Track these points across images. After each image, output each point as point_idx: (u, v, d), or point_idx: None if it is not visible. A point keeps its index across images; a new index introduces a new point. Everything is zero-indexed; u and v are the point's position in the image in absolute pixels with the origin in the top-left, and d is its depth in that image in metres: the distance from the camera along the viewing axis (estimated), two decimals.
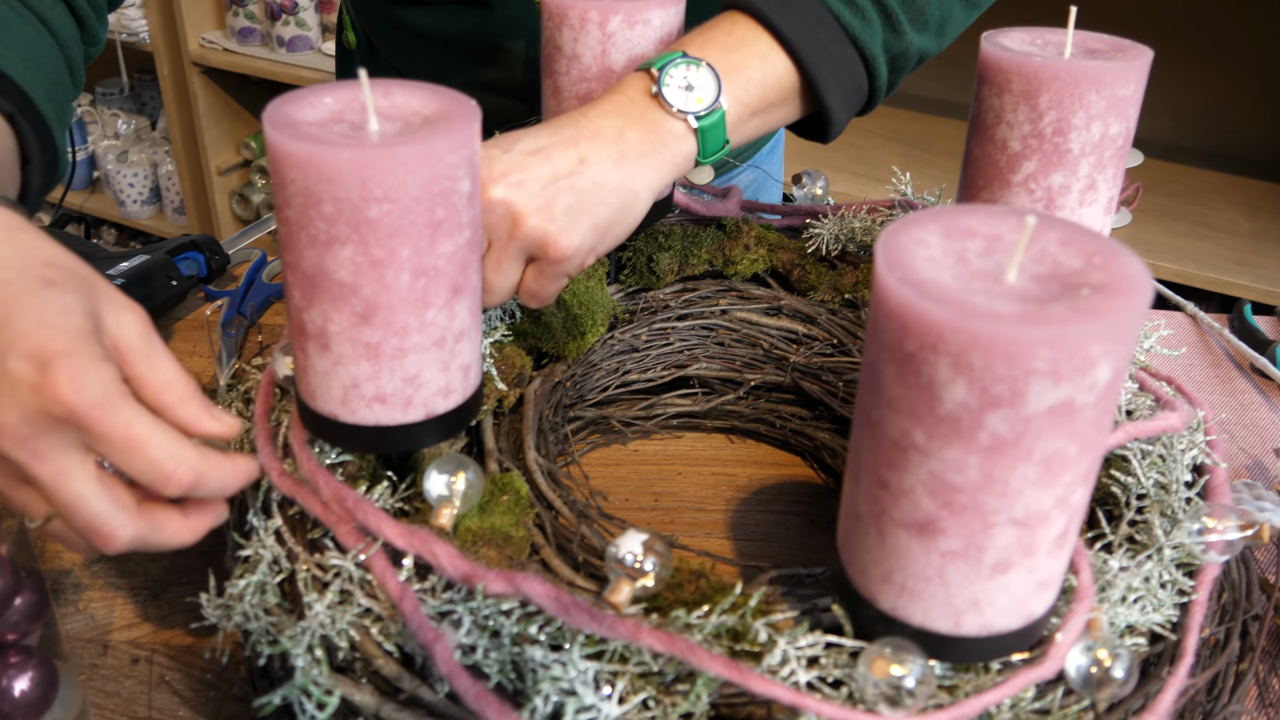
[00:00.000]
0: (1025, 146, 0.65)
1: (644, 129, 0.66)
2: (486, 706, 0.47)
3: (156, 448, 0.50)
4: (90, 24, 0.80)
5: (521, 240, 0.62)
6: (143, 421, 0.50)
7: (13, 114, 0.67)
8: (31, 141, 0.68)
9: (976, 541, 0.44)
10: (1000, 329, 0.38)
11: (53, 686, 0.60)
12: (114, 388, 0.50)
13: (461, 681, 0.47)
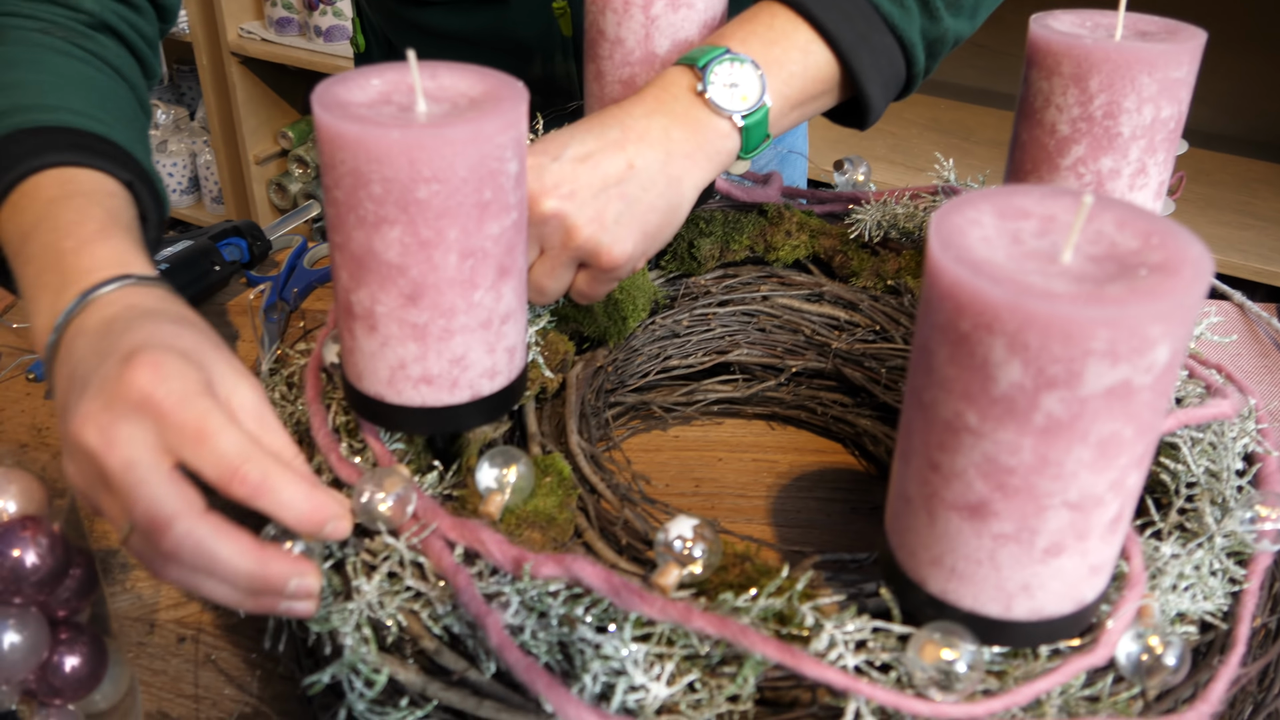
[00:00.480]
0: (1075, 130, 0.64)
1: (689, 128, 0.67)
2: (536, 679, 0.47)
3: (226, 441, 0.49)
4: (148, 61, 0.82)
5: (575, 250, 0.64)
6: (217, 417, 0.50)
7: (131, 181, 0.68)
8: (148, 203, 0.69)
9: (1029, 524, 0.43)
10: (1058, 308, 0.38)
11: (102, 663, 0.60)
12: (195, 384, 0.50)
13: (512, 654, 0.48)
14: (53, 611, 0.59)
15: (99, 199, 0.63)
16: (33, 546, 0.55)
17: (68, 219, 0.61)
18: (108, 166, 0.66)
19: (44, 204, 0.63)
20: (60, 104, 0.69)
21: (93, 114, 0.70)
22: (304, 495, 0.50)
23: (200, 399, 0.50)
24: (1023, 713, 0.48)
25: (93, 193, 0.64)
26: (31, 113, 0.68)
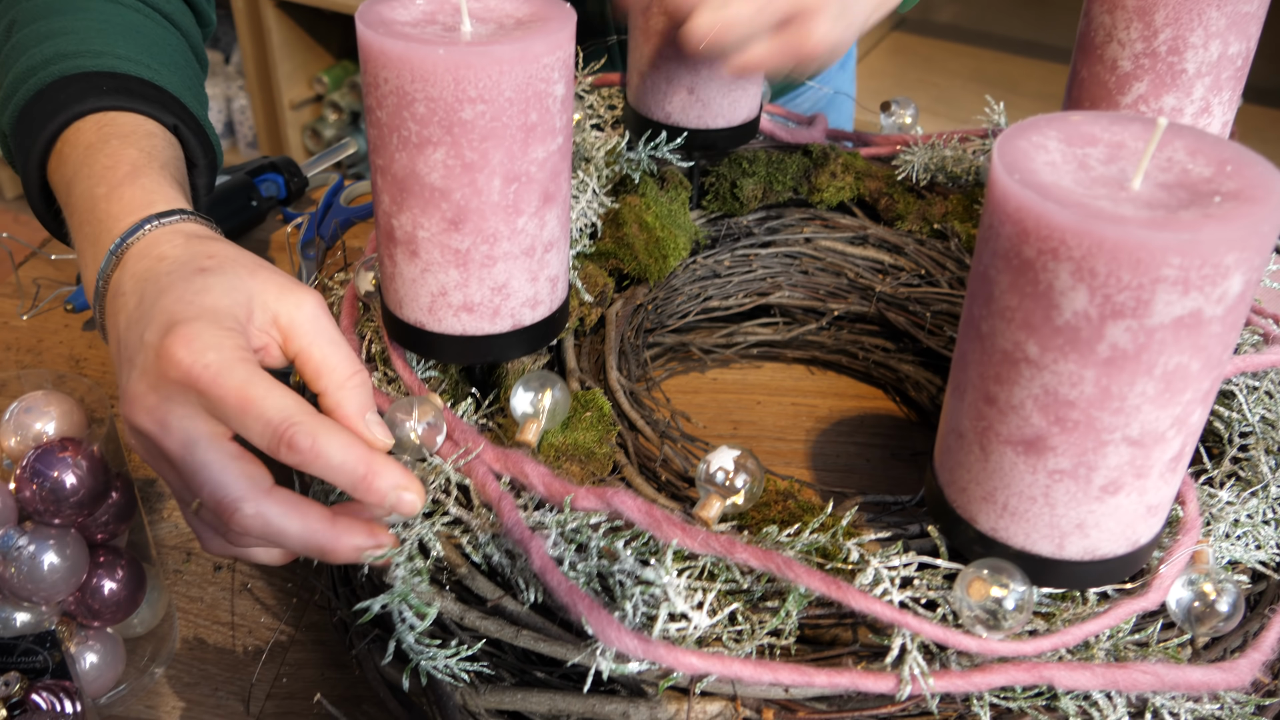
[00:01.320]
0: (1137, 66, 0.62)
1: None
2: (578, 601, 0.47)
3: (271, 407, 0.47)
4: (201, 9, 0.81)
5: None
6: (259, 383, 0.48)
7: (176, 125, 0.67)
8: (195, 147, 0.69)
9: (1087, 460, 0.42)
10: (1128, 232, 0.37)
11: (140, 588, 0.60)
12: (232, 352, 0.48)
13: (554, 577, 0.47)
14: (92, 535, 0.59)
15: (135, 140, 0.63)
16: (72, 468, 0.55)
17: (102, 164, 0.60)
18: (150, 110, 0.66)
19: (83, 151, 0.62)
20: (106, 49, 0.69)
21: (138, 59, 0.69)
22: (358, 458, 0.48)
23: (238, 367, 0.48)
24: (1070, 654, 0.47)
25: (130, 134, 0.63)
26: (77, 58, 0.67)
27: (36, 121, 0.64)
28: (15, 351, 0.87)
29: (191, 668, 0.63)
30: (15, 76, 0.67)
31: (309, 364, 0.52)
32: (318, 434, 0.47)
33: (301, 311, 0.52)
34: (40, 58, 0.68)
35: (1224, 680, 0.46)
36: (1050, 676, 0.46)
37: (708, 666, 0.46)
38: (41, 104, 0.64)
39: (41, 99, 0.65)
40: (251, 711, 0.61)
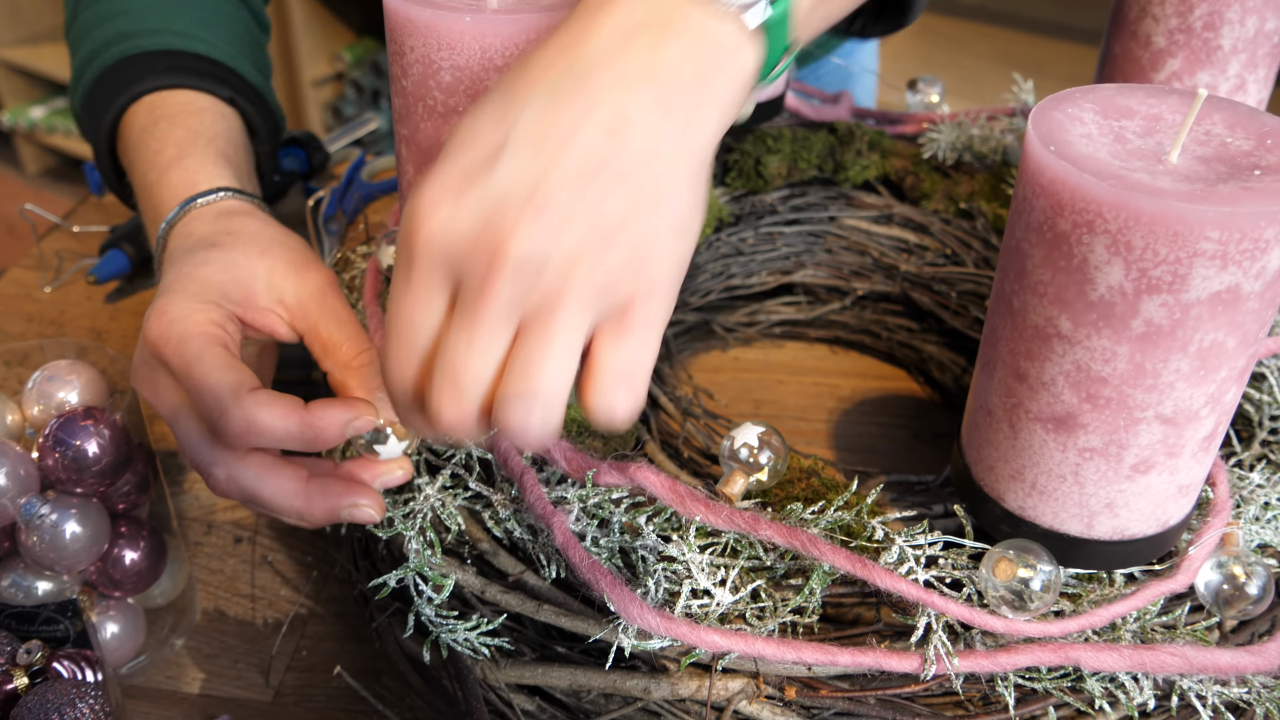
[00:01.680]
0: (1171, 42, 0.61)
1: (683, 41, 0.39)
2: (600, 578, 0.46)
3: (208, 388, 0.47)
4: None
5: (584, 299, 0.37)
6: (206, 360, 0.47)
7: (232, 97, 0.69)
8: (254, 116, 0.70)
9: (1118, 438, 0.41)
10: (1166, 205, 0.36)
11: (161, 559, 0.61)
12: (196, 325, 0.49)
13: (576, 553, 0.47)
14: (113, 505, 0.59)
15: (183, 119, 0.65)
16: (95, 437, 0.55)
17: (152, 149, 0.62)
18: (204, 85, 0.68)
19: (136, 135, 0.65)
20: (162, 26, 0.70)
21: (194, 33, 0.71)
22: (296, 423, 0.47)
23: (194, 341, 0.48)
24: (1097, 636, 0.47)
25: (178, 114, 0.65)
26: (135, 39, 0.69)
27: (99, 107, 0.67)
28: (37, 323, 0.87)
29: (211, 639, 0.64)
30: (82, 60, 0.71)
31: (315, 343, 0.53)
32: (254, 414, 0.46)
33: (307, 290, 0.53)
34: (101, 40, 0.70)
35: (1252, 664, 0.45)
36: (1076, 657, 0.45)
37: (730, 645, 0.46)
38: (102, 88, 0.68)
39: (102, 82, 0.68)
40: (271, 684, 0.61)
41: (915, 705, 0.48)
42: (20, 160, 2.90)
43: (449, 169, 0.37)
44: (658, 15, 0.39)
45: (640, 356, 0.38)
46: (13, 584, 0.57)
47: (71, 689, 0.50)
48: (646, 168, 0.38)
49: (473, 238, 0.36)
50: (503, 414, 0.37)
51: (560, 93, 0.38)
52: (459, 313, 0.37)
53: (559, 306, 0.36)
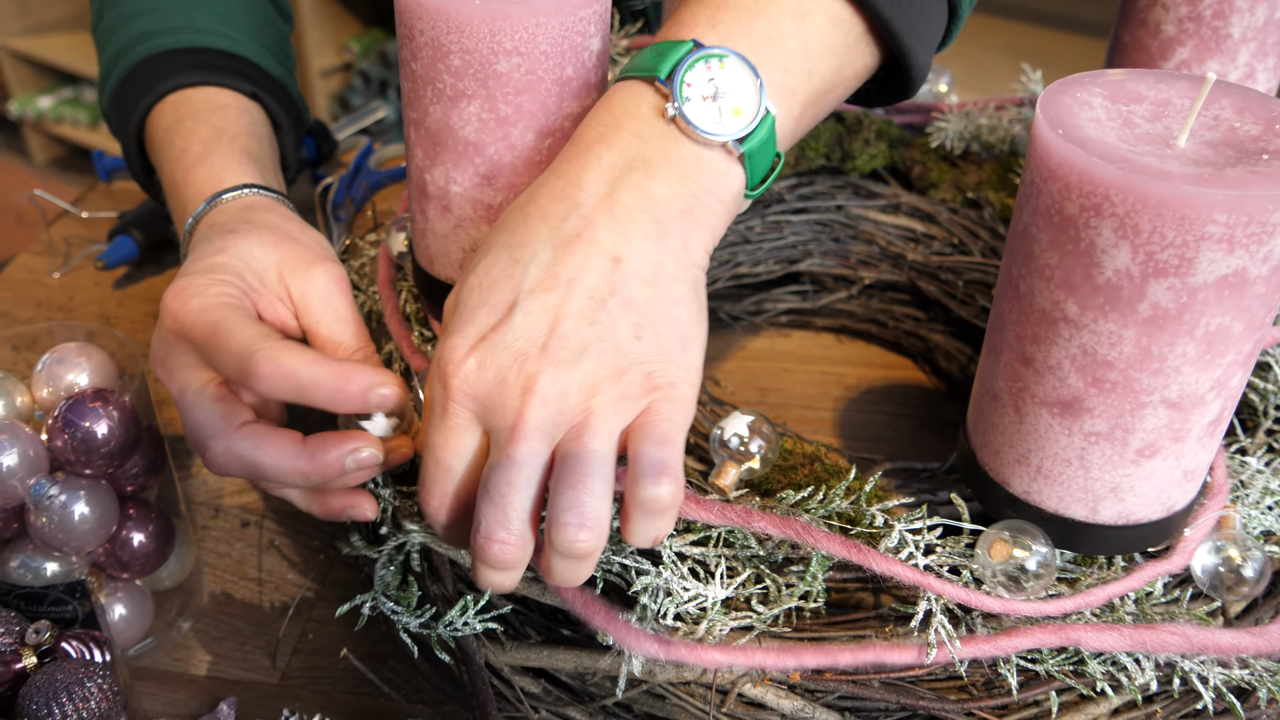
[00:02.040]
0: (1181, 30, 0.61)
1: (671, 174, 0.44)
2: (594, 614, 0.47)
3: (236, 339, 0.48)
4: None
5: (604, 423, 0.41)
6: (230, 319, 0.49)
7: (255, 92, 0.70)
8: (277, 110, 0.71)
9: (1124, 423, 0.41)
10: (1173, 188, 0.36)
11: (169, 541, 0.61)
12: (215, 297, 0.50)
13: (567, 591, 0.47)
14: (122, 487, 0.59)
15: (206, 117, 0.66)
16: (104, 418, 0.55)
17: (177, 148, 0.64)
18: (227, 81, 0.69)
19: (162, 134, 0.66)
20: (184, 23, 0.71)
21: (216, 29, 0.72)
22: (328, 372, 0.48)
23: (215, 309, 0.50)
24: (1096, 617, 0.47)
25: (201, 112, 0.67)
26: (158, 37, 0.70)
27: (126, 107, 0.68)
28: (46, 309, 0.88)
29: (219, 622, 0.64)
30: (109, 58, 0.72)
31: (315, 340, 0.54)
32: (280, 357, 0.47)
33: (312, 287, 0.54)
34: (126, 39, 0.71)
35: (1254, 645, 0.46)
36: (1077, 638, 0.45)
37: (731, 660, 0.46)
38: (128, 88, 0.70)
39: (128, 82, 0.70)
40: (278, 666, 0.61)
41: (919, 689, 0.48)
42: (28, 150, 2.91)
43: (468, 324, 0.42)
44: (645, 153, 0.43)
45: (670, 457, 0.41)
46: (21, 565, 0.57)
47: (80, 669, 0.51)
48: (649, 290, 0.42)
49: (497, 389, 0.41)
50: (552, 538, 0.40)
51: (563, 239, 0.42)
52: (496, 443, 0.41)
53: (585, 427, 0.41)
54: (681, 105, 0.43)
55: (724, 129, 0.44)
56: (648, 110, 0.44)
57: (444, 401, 0.42)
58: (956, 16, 0.50)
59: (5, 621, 0.53)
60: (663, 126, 0.44)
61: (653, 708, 0.51)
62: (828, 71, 0.47)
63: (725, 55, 0.44)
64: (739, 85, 0.44)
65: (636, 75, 0.45)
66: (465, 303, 0.43)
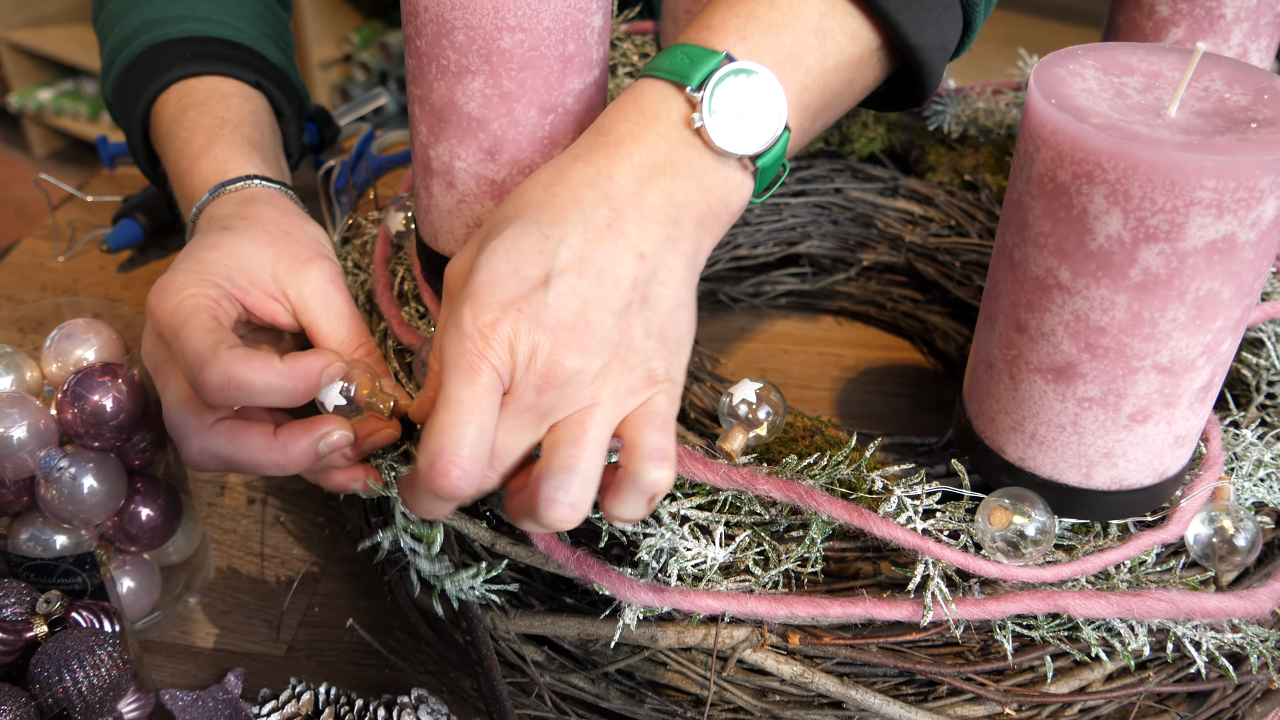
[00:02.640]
0: (1174, 11, 0.62)
1: (692, 181, 0.45)
2: (589, 569, 0.47)
3: (190, 348, 0.49)
4: None
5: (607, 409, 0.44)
6: (193, 326, 0.50)
7: (258, 80, 0.70)
8: (280, 98, 0.72)
9: (1116, 388, 0.42)
10: (1163, 154, 0.37)
11: (177, 515, 0.62)
12: (190, 299, 0.51)
13: (560, 553, 0.48)
14: (130, 461, 0.60)
15: (209, 107, 0.66)
16: (112, 392, 0.56)
17: (181, 138, 0.64)
18: (230, 70, 0.69)
19: (167, 124, 0.67)
20: (187, 12, 0.72)
21: (218, 18, 0.72)
22: (279, 373, 0.49)
23: (184, 311, 0.50)
24: (1090, 584, 0.48)
25: (204, 102, 0.67)
26: (161, 26, 0.71)
27: (130, 99, 0.69)
28: (52, 292, 0.88)
29: (225, 596, 0.65)
30: (111, 48, 0.72)
31: (315, 337, 0.55)
32: (231, 368, 0.47)
33: (309, 286, 0.55)
34: (129, 28, 0.71)
35: (1241, 608, 0.46)
36: (1065, 604, 0.46)
37: (724, 606, 0.47)
38: (132, 78, 0.70)
39: (132, 71, 0.70)
40: (283, 638, 0.62)
41: (916, 654, 0.49)
42: (28, 143, 2.91)
43: (499, 289, 0.43)
44: (672, 158, 0.45)
45: (671, 446, 0.44)
46: (31, 537, 0.58)
47: (90, 637, 0.51)
48: (662, 291, 0.44)
49: (524, 360, 0.42)
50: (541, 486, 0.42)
51: (594, 226, 0.44)
52: (514, 409, 0.43)
53: (593, 411, 0.43)
54: (708, 118, 0.45)
55: (744, 145, 0.45)
56: (676, 116, 0.45)
57: (476, 358, 0.42)
58: (971, 29, 0.51)
59: (16, 592, 0.54)
60: (688, 135, 0.45)
61: (654, 674, 0.52)
62: (841, 85, 0.49)
63: (754, 72, 0.45)
64: (764, 103, 0.45)
65: (666, 78, 0.46)
66: (493, 267, 0.43)
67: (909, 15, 0.47)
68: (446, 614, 0.55)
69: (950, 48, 0.51)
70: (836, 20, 0.47)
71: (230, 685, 0.58)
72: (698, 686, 0.51)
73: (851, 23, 0.47)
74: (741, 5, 0.47)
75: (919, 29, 0.48)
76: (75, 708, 0.50)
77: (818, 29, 0.47)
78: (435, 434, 0.42)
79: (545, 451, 0.44)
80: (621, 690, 0.52)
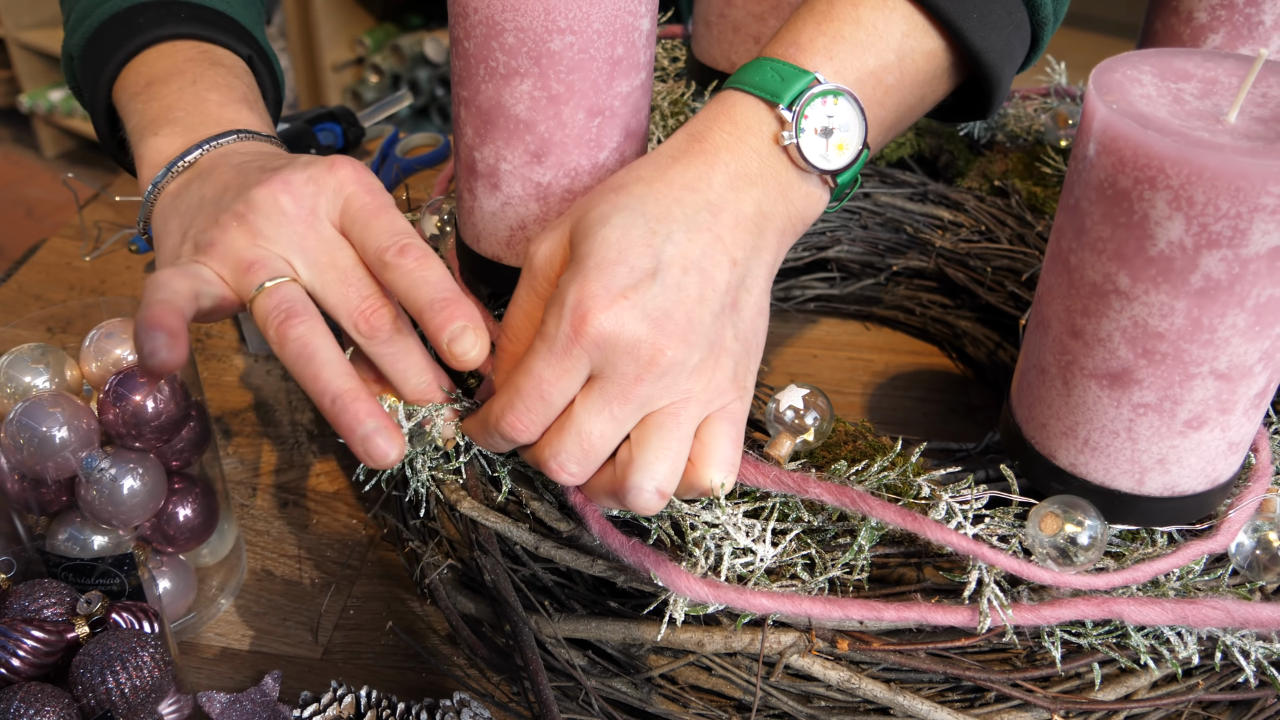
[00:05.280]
0: (1213, 18, 0.62)
1: (778, 194, 0.48)
2: (644, 557, 0.47)
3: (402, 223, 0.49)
4: None
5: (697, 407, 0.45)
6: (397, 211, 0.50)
7: (250, 56, 0.68)
8: (266, 81, 0.69)
9: (1172, 394, 0.42)
10: (1228, 160, 0.37)
11: (213, 517, 0.62)
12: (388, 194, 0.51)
13: (615, 539, 0.48)
14: (168, 461, 0.60)
15: (238, 74, 0.64)
16: (153, 391, 0.56)
17: (212, 79, 0.61)
18: (226, 40, 0.66)
19: (182, 61, 0.62)
20: None
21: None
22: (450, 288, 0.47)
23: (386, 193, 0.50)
24: (1140, 592, 0.48)
25: (232, 67, 0.64)
26: None
27: (114, 40, 0.64)
28: (79, 292, 0.88)
29: (260, 598, 0.65)
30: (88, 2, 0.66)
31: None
32: (427, 250, 0.48)
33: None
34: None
35: None
36: (1120, 611, 0.46)
37: (778, 606, 0.47)
38: (118, 25, 0.64)
39: (118, 20, 0.64)
40: (320, 641, 0.62)
41: (964, 660, 0.49)
42: (39, 143, 2.91)
43: (608, 276, 0.43)
44: (763, 171, 0.47)
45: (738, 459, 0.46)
46: (69, 538, 0.58)
47: (133, 638, 0.51)
48: (749, 298, 0.46)
49: (637, 340, 0.43)
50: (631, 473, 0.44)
51: (696, 226, 0.45)
52: (606, 392, 0.44)
53: (687, 405, 0.44)
54: (798, 137, 0.46)
55: (828, 162, 0.47)
56: (766, 132, 0.47)
57: (570, 342, 0.43)
58: (1038, 45, 0.53)
59: (56, 592, 0.54)
60: (777, 150, 0.47)
61: (698, 680, 0.51)
62: (914, 101, 0.51)
63: (841, 94, 0.47)
64: (848, 124, 0.47)
65: (758, 94, 0.47)
66: (602, 256, 0.44)
67: (984, 36, 0.49)
68: (485, 614, 0.55)
69: (1018, 62, 0.52)
70: (916, 40, 0.49)
71: (268, 687, 0.58)
72: (742, 692, 0.51)
73: (929, 42, 0.49)
74: (829, 24, 0.49)
75: (994, 49, 0.49)
76: (118, 709, 0.50)
77: (899, 49, 0.49)
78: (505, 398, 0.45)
79: (637, 438, 0.44)
80: (665, 695, 0.52)
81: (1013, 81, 0.53)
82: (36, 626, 0.51)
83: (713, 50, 0.75)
